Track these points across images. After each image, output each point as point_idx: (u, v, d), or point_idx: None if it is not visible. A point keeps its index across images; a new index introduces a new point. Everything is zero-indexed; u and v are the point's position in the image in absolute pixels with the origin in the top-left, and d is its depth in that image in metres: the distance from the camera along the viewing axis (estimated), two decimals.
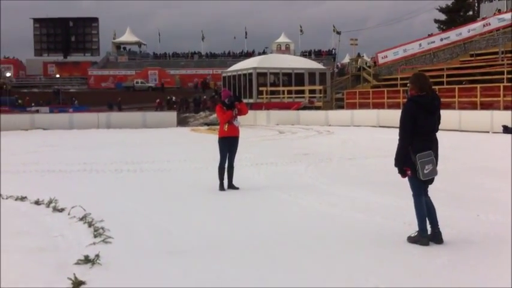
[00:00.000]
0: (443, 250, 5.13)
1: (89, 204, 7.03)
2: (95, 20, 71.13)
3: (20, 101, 45.31)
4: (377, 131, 22.69)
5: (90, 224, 6.18)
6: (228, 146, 8.68)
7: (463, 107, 23.76)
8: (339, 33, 58.45)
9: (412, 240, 5.38)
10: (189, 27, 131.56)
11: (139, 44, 73.04)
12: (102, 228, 5.91)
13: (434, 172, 5.25)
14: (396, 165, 5.33)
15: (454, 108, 23.76)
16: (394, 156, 5.34)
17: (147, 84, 59.17)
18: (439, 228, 5.37)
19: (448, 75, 28.61)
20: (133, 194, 8.49)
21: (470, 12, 54.15)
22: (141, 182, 9.73)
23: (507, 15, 33.98)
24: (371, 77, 35.54)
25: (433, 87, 5.59)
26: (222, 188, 8.65)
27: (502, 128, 19.43)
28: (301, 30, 68.38)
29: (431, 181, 5.38)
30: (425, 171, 5.17)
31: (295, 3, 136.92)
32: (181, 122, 33.98)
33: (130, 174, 10.68)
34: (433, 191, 5.62)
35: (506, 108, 21.56)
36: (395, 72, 34.81)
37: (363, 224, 6.23)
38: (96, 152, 15.41)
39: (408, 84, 5.46)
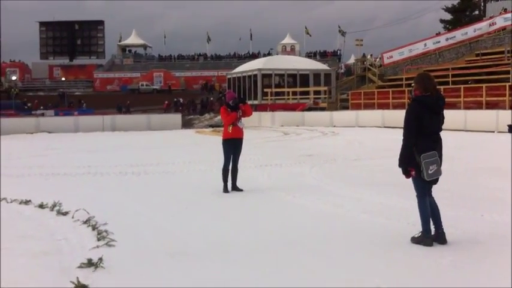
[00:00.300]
0: (447, 251, 5.11)
1: (92, 207, 7.04)
2: (101, 22, 71.33)
3: (29, 105, 45.55)
4: (382, 132, 22.64)
5: (93, 227, 6.19)
6: (232, 147, 8.67)
7: (468, 106, 23.67)
8: (344, 34, 58.46)
9: (415, 240, 5.37)
10: (195, 29, 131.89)
11: (144, 46, 73.22)
12: (106, 231, 5.92)
13: (438, 172, 5.24)
14: (400, 165, 5.31)
15: (459, 108, 23.68)
16: (398, 156, 5.32)
17: (152, 87, 59.31)
18: (442, 229, 5.36)
19: (454, 75, 28.53)
20: (137, 196, 8.50)
21: (476, 12, 54.01)
22: (145, 184, 9.74)
23: None
24: (376, 78, 35.47)
25: (438, 87, 5.57)
26: (226, 190, 8.65)
27: (507, 128, 19.32)
28: (307, 33, 68.22)
29: (435, 181, 5.36)
30: (430, 172, 5.15)
31: (301, 4, 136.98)
32: (186, 124, 34.04)
33: (135, 176, 10.69)
34: (437, 191, 5.60)
35: (511, 107, 21.44)
36: (401, 72, 34.71)
37: (368, 225, 6.22)
38: (100, 154, 15.45)
39: (412, 84, 5.44)
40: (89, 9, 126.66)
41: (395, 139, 5.17)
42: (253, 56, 63.29)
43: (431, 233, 5.33)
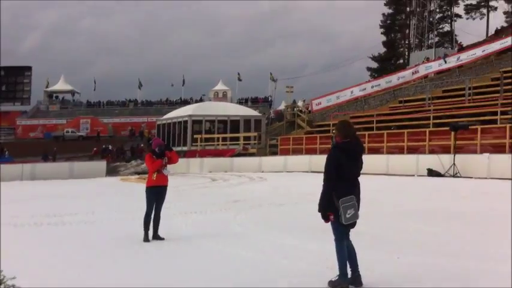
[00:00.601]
0: None
1: (2, 261, 6.58)
2: (28, 68, 69.52)
3: None
4: (308, 177, 22.79)
5: (0, 282, 5.78)
6: (156, 195, 8.51)
7: (390, 151, 24.44)
8: (275, 80, 59.90)
9: (332, 284, 5.41)
10: (127, 75, 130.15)
11: (72, 92, 71.68)
12: (13, 285, 5.52)
13: (355, 216, 5.34)
14: (320, 210, 5.39)
15: (382, 152, 24.40)
16: (318, 201, 5.39)
17: (78, 134, 57.80)
18: (359, 272, 5.43)
19: (378, 121, 29.51)
20: (51, 248, 8.08)
21: (401, 61, 57.03)
22: (61, 235, 9.25)
23: (434, 63, 35.85)
24: (305, 123, 36.24)
25: (363, 133, 5.80)
26: (146, 239, 8.40)
27: (427, 171, 20.10)
28: (239, 79, 69.18)
29: (353, 225, 5.46)
30: (348, 216, 5.25)
31: (235, 52, 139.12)
32: (112, 171, 33.17)
33: (51, 227, 10.17)
34: (357, 234, 5.69)
35: (431, 152, 22.37)
36: (328, 118, 35.61)
37: (287, 271, 6.20)
38: (16, 205, 14.63)
39: (334, 131, 5.64)
40: (16, 55, 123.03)
41: (320, 184, 5.41)
42: (185, 102, 63.25)
43: (348, 277, 5.38)
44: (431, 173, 19.80)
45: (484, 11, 54.53)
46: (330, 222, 5.40)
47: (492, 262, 6.38)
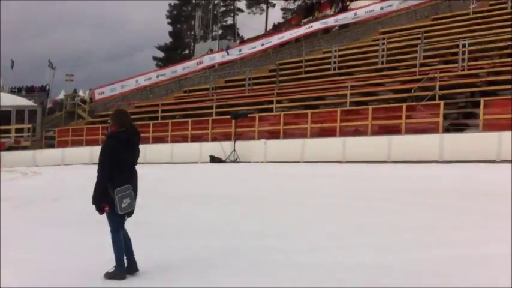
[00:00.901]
0: (138, 280, 5.22)
1: None
2: None
3: None
4: (89, 169, 21.49)
5: None
6: None
7: (175, 140, 24.66)
8: (53, 68, 55.92)
9: (109, 276, 5.32)
10: None
11: None
12: None
13: (132, 205, 5.28)
14: (94, 202, 5.28)
15: (167, 141, 24.49)
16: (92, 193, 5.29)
17: None
18: (134, 259, 5.42)
19: (163, 111, 29.52)
20: None
21: (187, 51, 57.93)
22: None
23: (218, 55, 37.18)
24: (86, 114, 34.64)
25: (143, 122, 5.64)
26: None
27: (209, 158, 20.68)
28: (12, 66, 62.74)
29: (130, 214, 5.36)
30: (123, 205, 5.17)
31: (9, 37, 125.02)
32: None
33: None
34: (136, 224, 5.65)
35: (213, 139, 23.12)
36: (112, 108, 34.42)
37: (64, 268, 5.87)
38: None
39: (109, 121, 5.50)
40: None
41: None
42: None
43: (125, 266, 5.34)
44: (214, 159, 20.45)
45: (264, 6, 58.11)
46: (105, 214, 5.29)
47: (271, 239, 6.81)
